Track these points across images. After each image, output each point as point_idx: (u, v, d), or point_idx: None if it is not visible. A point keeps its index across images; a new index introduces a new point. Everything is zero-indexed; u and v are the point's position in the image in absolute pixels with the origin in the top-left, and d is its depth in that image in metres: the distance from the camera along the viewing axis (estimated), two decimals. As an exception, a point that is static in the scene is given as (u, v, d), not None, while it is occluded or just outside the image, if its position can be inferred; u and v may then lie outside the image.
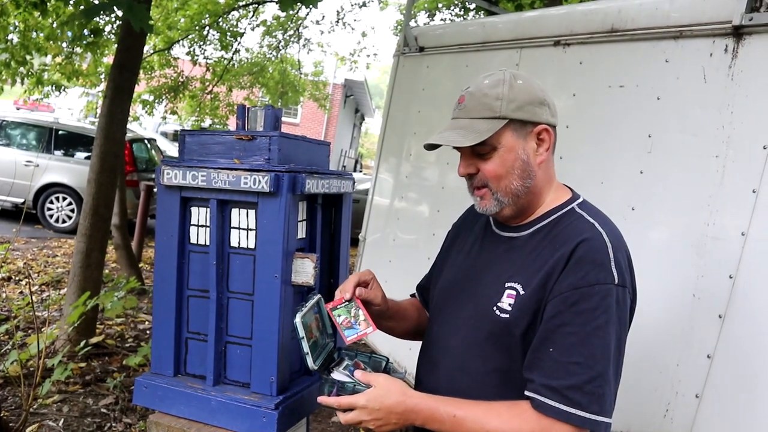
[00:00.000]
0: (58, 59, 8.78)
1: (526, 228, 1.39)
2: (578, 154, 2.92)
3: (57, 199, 9.56)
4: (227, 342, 1.58)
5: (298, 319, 1.34)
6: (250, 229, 1.54)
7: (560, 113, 1.47)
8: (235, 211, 1.55)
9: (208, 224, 1.57)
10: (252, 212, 1.53)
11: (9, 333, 4.42)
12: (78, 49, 8.46)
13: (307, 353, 1.33)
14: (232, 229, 1.56)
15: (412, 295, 1.74)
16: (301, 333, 1.33)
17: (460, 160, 1.36)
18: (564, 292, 1.23)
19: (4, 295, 6.01)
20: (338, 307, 1.41)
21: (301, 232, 1.63)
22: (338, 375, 1.36)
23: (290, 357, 1.56)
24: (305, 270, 1.53)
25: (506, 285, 1.33)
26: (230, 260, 1.56)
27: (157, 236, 1.61)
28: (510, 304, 1.31)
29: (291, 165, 1.52)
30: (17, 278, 6.69)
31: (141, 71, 10.12)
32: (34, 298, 5.99)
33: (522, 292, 1.30)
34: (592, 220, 1.32)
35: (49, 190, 9.50)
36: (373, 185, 4.90)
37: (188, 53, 10.87)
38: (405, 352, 3.52)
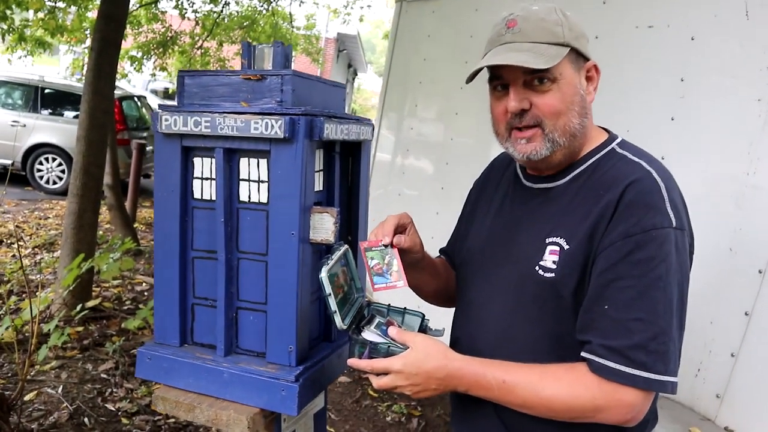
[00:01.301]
0: (41, 14, 8.41)
1: (561, 176, 1.23)
2: (601, 101, 2.73)
3: (47, 160, 9.30)
4: (239, 308, 1.42)
5: (323, 274, 1.18)
6: (262, 182, 1.36)
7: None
8: (244, 162, 1.37)
9: (213, 177, 1.39)
10: (264, 162, 1.35)
11: (1, 298, 4.29)
12: (61, 3, 8.10)
13: (335, 311, 1.18)
14: (241, 182, 1.38)
15: (438, 257, 1.59)
16: (328, 289, 1.17)
17: (510, 92, 1.18)
18: (615, 241, 1.09)
19: (-4, 258, 5.85)
20: (373, 249, 1.27)
21: (319, 184, 1.45)
22: (370, 334, 1.21)
23: (310, 323, 1.41)
24: (324, 226, 1.36)
25: (547, 241, 1.18)
26: (240, 217, 1.39)
27: (156, 192, 1.43)
28: (554, 262, 1.16)
29: (307, 108, 1.33)
30: (9, 241, 6.51)
31: (128, 26, 9.77)
32: (27, 261, 5.83)
33: (566, 247, 1.15)
34: (637, 160, 1.17)
35: (38, 150, 9.24)
36: (375, 140, 4.71)
37: (176, 7, 10.43)
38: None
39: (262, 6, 12.13)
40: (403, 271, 1.28)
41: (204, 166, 1.41)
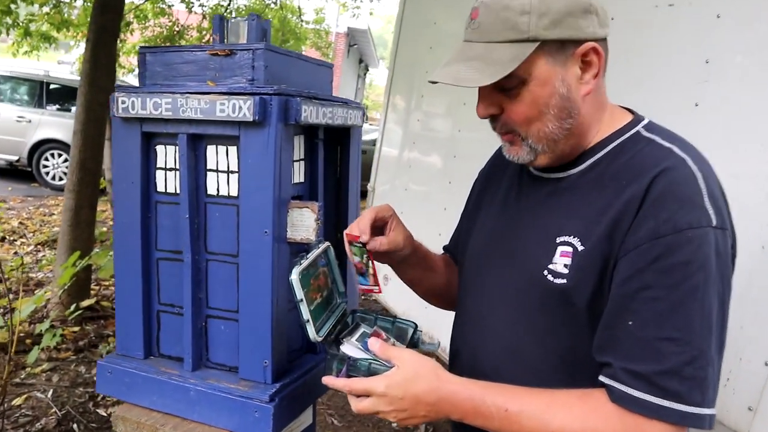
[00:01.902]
0: (46, 8, 8.32)
1: (575, 164, 1.04)
2: (618, 87, 2.52)
3: (52, 155, 9.22)
4: (208, 316, 1.25)
5: (294, 276, 1.00)
6: (232, 172, 1.19)
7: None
8: (211, 149, 1.20)
9: (177, 167, 1.22)
10: (233, 150, 1.18)
11: (1, 295, 4.18)
12: (69, -1, 8.01)
13: (308, 321, 1.00)
14: (208, 173, 1.21)
15: (443, 254, 1.41)
16: (299, 294, 0.99)
17: (478, 97, 1.00)
18: (642, 243, 0.90)
19: (-3, 256, 5.75)
20: (354, 243, 1.10)
21: (299, 176, 1.28)
22: (350, 348, 1.04)
23: (288, 333, 1.24)
24: (304, 223, 1.19)
25: (558, 240, 0.99)
26: (207, 212, 1.22)
27: (114, 184, 1.27)
28: (566, 265, 0.97)
29: (281, 87, 1.16)
30: (12, 238, 6.42)
31: (135, 21, 9.66)
32: (29, 258, 5.73)
33: (580, 248, 0.96)
34: (668, 144, 0.97)
35: (43, 146, 9.16)
36: (382, 132, 4.53)
37: (183, 0, 10.31)
38: (437, 318, 3.23)
39: (270, 0, 11.99)
40: (377, 277, 1.11)
41: (168, 155, 1.24)
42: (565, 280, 0.97)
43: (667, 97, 2.34)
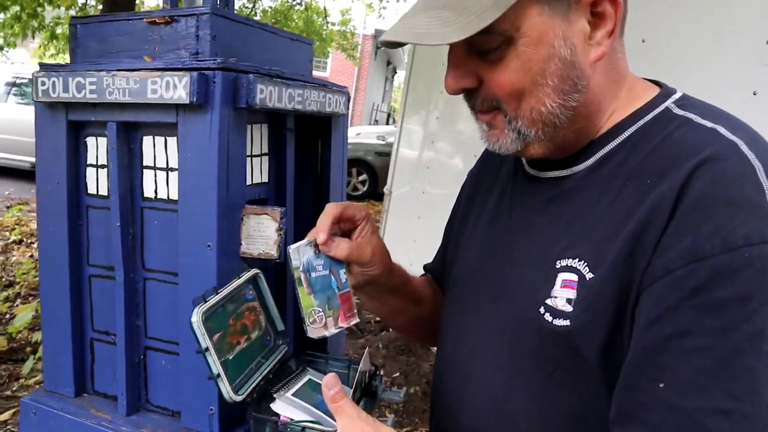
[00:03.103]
0: (72, 11, 8.34)
1: (581, 158, 0.75)
2: (658, 70, 2.22)
3: (75, 158, 9.21)
4: (147, 348, 1.01)
5: (195, 318, 0.73)
6: (172, 170, 0.95)
7: (635, 25, 0.83)
8: (147, 141, 0.96)
9: (108, 163, 0.98)
10: (172, 141, 0.94)
11: (10, 300, 4.06)
12: (92, 1, 7.99)
13: (219, 376, 0.73)
14: (145, 170, 0.97)
15: (423, 275, 1.10)
16: (204, 342, 0.72)
17: (447, 63, 0.72)
18: (675, 268, 0.61)
19: (13, 258, 5.67)
20: (300, 248, 0.79)
21: (260, 174, 1.03)
22: (283, 406, 0.78)
23: (245, 371, 0.99)
24: (263, 234, 0.94)
25: (559, 265, 0.71)
26: (144, 220, 0.99)
27: (38, 185, 1.04)
28: (569, 300, 0.69)
29: (230, 60, 0.91)
30: (29, 241, 6.35)
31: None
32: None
33: (589, 276, 0.68)
34: (711, 124, 0.67)
35: (66, 149, 9.16)
36: (399, 133, 4.28)
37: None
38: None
39: (295, 0, 11.87)
40: (349, 302, 0.81)
41: (99, 149, 1.01)
42: (567, 321, 0.68)
43: (723, 82, 2.03)
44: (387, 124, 19.44)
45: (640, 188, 0.66)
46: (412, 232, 3.86)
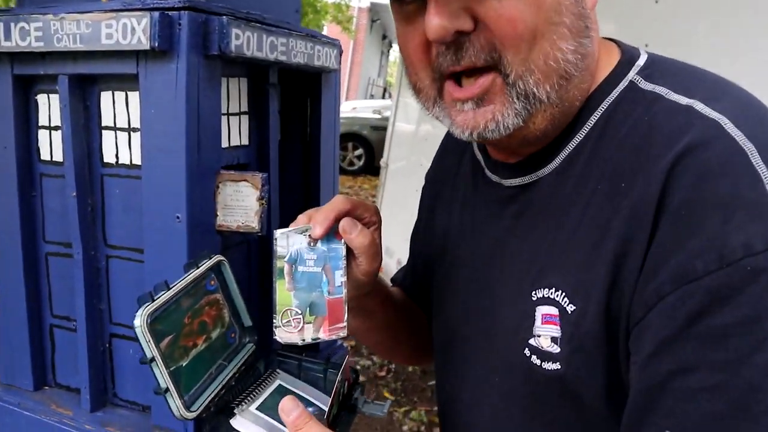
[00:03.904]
0: None
1: (545, 159, 0.61)
2: (679, 46, 2.06)
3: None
4: (113, 335, 0.89)
5: (139, 323, 0.59)
6: (134, 130, 0.82)
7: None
8: (106, 97, 0.83)
9: (61, 124, 0.85)
10: (134, 96, 0.80)
11: None
12: None
13: (167, 390, 0.60)
14: (104, 132, 0.84)
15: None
16: (149, 351, 0.58)
17: (428, 2, 0.54)
18: (667, 292, 0.50)
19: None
20: (289, 234, 0.65)
21: (238, 135, 0.90)
22: (244, 423, 0.65)
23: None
24: (242, 203, 0.82)
25: (534, 296, 0.59)
26: (105, 189, 0.86)
27: (-16, 149, 0.91)
28: (554, 340, 0.57)
29: (202, 0, 0.77)
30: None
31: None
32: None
33: (570, 309, 0.56)
34: (685, 100, 0.53)
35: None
36: (395, 107, 4.14)
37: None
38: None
39: (287, -29, 11.60)
40: (340, 308, 0.64)
41: (52, 108, 0.87)
42: (558, 365, 0.56)
43: (755, 59, 1.88)
44: (383, 98, 19.22)
45: (615, 193, 0.53)
46: (410, 205, 3.74)
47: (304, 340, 0.64)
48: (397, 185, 3.91)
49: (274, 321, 0.63)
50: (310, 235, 0.64)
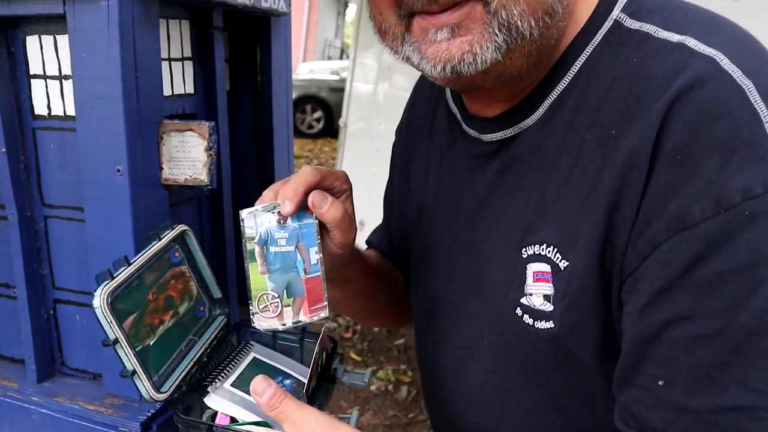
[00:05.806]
0: None
1: (530, 107, 0.58)
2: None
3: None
4: (57, 300, 0.84)
5: (98, 303, 0.54)
6: (65, 77, 0.75)
7: None
8: (32, 42, 0.76)
9: (-15, 73, 0.78)
10: (63, 40, 0.74)
11: None
12: None
13: (134, 372, 0.57)
14: (33, 81, 0.77)
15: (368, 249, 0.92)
16: (111, 332, 0.54)
17: None
18: (662, 240, 0.48)
19: None
20: (256, 214, 0.60)
21: (182, 83, 0.84)
22: (219, 400, 0.61)
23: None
24: (189, 155, 0.77)
25: (525, 253, 0.57)
26: (38, 144, 0.79)
27: None
28: (548, 297, 0.55)
29: (131, -70, 0.70)
30: None
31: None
32: None
33: (563, 265, 0.54)
34: (676, 37, 0.50)
35: None
36: (353, 65, 4.05)
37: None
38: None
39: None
40: (319, 288, 0.60)
41: (-27, 57, 0.80)
42: (551, 324, 0.55)
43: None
44: (341, 59, 18.93)
45: (605, 141, 0.51)
46: (371, 165, 3.69)
47: (284, 324, 0.60)
48: (357, 145, 3.86)
49: (251, 308, 0.59)
50: (279, 213, 0.60)
